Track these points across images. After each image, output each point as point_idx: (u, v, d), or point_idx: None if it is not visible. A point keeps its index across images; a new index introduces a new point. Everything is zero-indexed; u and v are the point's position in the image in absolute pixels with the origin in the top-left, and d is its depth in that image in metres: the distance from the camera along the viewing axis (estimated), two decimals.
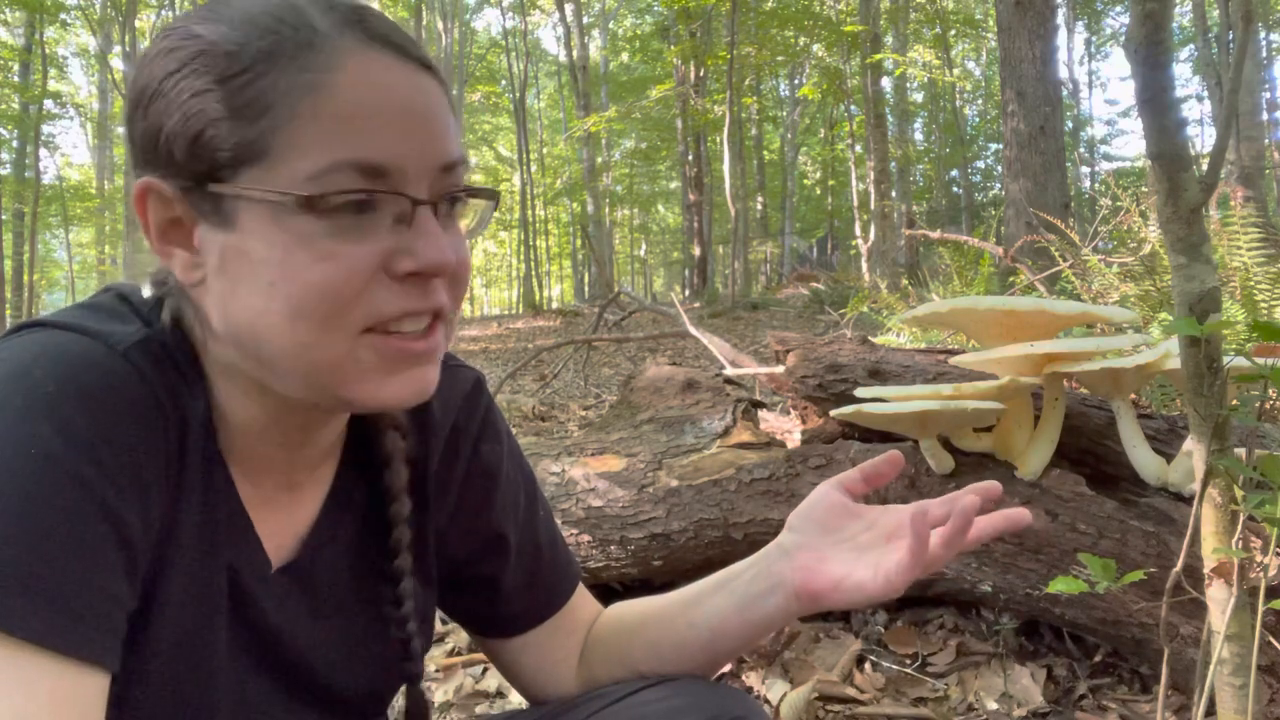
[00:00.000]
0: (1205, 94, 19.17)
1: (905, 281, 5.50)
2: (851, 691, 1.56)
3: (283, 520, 0.69)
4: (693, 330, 4.11)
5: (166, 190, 0.58)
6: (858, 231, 14.73)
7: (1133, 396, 1.59)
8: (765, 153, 23.92)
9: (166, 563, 0.60)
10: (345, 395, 0.60)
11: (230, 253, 0.57)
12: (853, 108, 16.18)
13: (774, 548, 0.76)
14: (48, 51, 16.65)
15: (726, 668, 1.65)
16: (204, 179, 0.57)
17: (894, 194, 14.85)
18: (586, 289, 23.13)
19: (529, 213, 20.99)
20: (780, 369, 2.01)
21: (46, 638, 0.50)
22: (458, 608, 0.85)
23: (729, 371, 2.78)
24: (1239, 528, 0.96)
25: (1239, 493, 0.95)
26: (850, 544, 0.74)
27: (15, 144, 15.70)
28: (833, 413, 1.65)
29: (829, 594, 0.71)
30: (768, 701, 1.54)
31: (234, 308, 0.58)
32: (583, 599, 0.86)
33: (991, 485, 0.73)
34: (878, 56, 12.35)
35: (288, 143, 0.55)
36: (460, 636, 1.92)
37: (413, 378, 0.61)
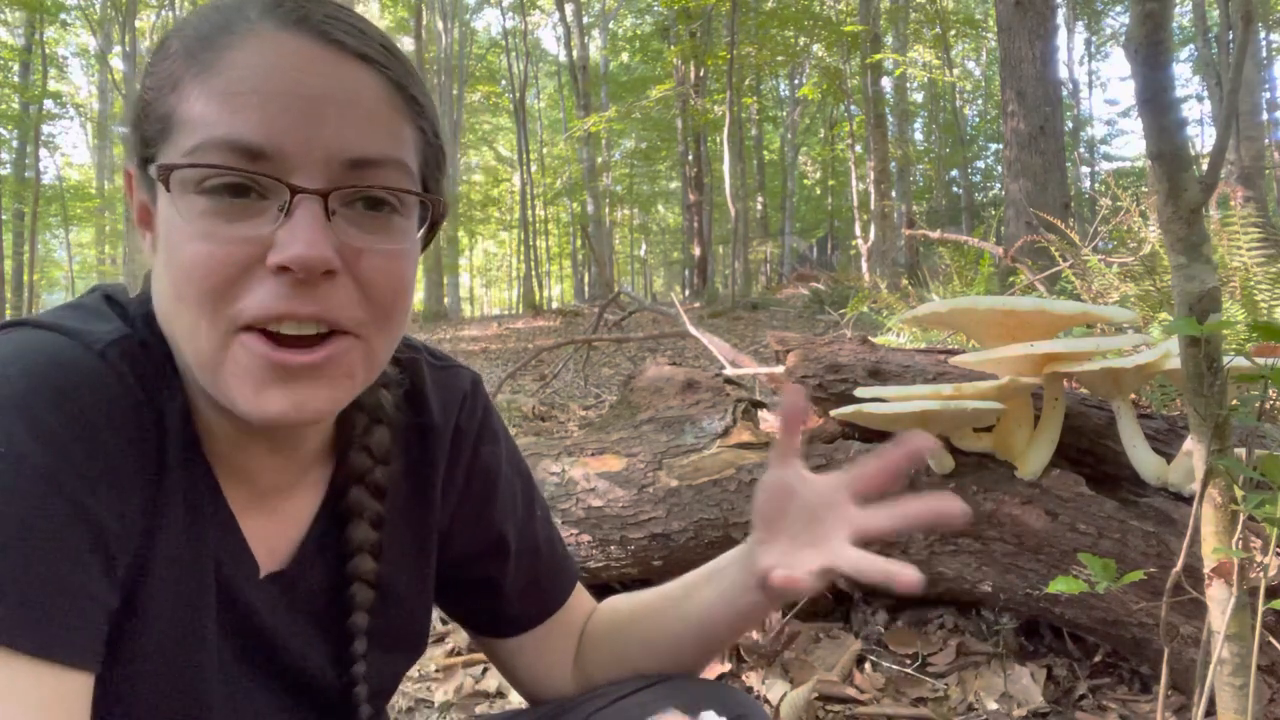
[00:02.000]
0: (1205, 94, 19.19)
1: (905, 281, 5.49)
2: (851, 691, 1.56)
3: (275, 525, 0.68)
4: (693, 330, 4.10)
5: (134, 174, 0.60)
6: (858, 231, 14.72)
7: (1133, 396, 1.59)
8: (765, 153, 23.91)
9: (150, 565, 0.59)
10: (227, 399, 0.57)
11: (157, 235, 0.59)
12: (853, 108, 16.18)
13: (750, 539, 0.77)
14: (48, 51, 16.65)
15: (726, 667, 1.65)
16: (143, 160, 0.58)
17: (894, 194, 14.85)
18: (586, 289, 23.12)
19: (529, 213, 20.96)
20: (780, 369, 2.01)
21: (21, 641, 0.49)
22: (457, 608, 0.85)
23: (729, 371, 2.78)
24: (1239, 528, 0.96)
25: (1239, 493, 0.95)
26: (787, 533, 0.72)
27: (15, 144, 15.69)
28: (833, 413, 1.65)
29: (779, 593, 0.72)
30: (768, 701, 1.54)
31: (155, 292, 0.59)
32: (580, 598, 0.86)
33: (950, 504, 0.66)
34: (878, 56, 12.35)
35: (181, 121, 0.55)
36: (460, 637, 1.92)
37: (292, 394, 0.56)
